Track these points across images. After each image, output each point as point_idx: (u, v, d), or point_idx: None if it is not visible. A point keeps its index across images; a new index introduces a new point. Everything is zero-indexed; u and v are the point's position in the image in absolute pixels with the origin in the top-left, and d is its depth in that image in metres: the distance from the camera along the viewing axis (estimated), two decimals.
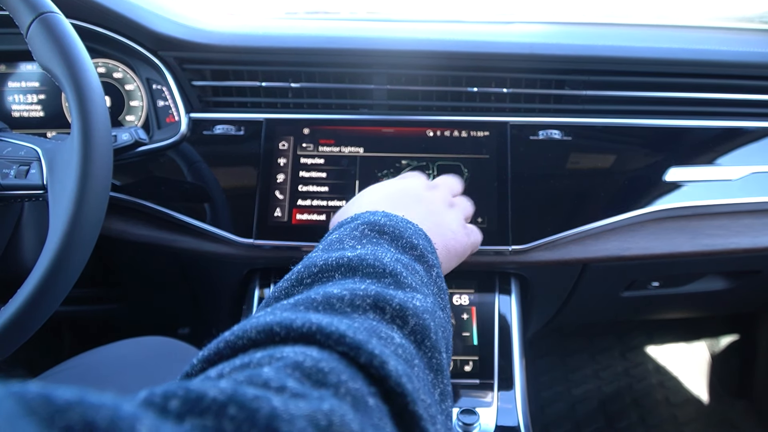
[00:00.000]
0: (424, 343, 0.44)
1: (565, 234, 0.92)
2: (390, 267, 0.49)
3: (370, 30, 1.01)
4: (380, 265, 0.49)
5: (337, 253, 0.50)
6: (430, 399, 0.41)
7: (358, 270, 0.48)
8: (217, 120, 0.97)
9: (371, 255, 0.50)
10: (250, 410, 0.29)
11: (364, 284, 0.46)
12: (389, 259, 0.50)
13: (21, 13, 0.68)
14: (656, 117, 0.99)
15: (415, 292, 0.48)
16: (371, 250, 0.51)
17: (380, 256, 0.50)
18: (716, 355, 1.70)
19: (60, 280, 0.65)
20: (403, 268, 0.50)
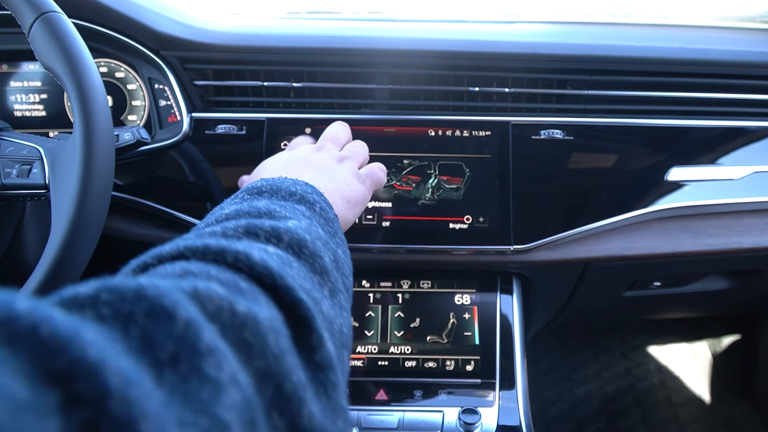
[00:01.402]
0: (302, 252, 0.48)
1: (567, 233, 0.92)
2: (264, 208, 0.53)
3: (371, 30, 1.01)
4: (255, 210, 0.52)
5: (216, 214, 0.54)
6: (311, 286, 0.44)
7: (234, 218, 0.51)
8: (219, 119, 0.97)
9: (247, 205, 0.53)
10: (120, 291, 0.32)
11: (237, 222, 0.49)
12: (264, 204, 0.54)
13: (23, 13, 0.68)
14: (658, 117, 0.99)
15: (289, 219, 0.51)
16: (248, 203, 0.54)
17: (255, 204, 0.54)
18: (718, 355, 1.70)
19: (62, 280, 0.65)
20: (279, 207, 0.53)
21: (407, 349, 0.92)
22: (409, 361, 0.92)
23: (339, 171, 0.72)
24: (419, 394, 0.89)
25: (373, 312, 0.95)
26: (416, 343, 0.93)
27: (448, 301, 0.95)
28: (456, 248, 0.92)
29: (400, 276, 0.97)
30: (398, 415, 0.86)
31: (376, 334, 0.93)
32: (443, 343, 0.93)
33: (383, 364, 0.92)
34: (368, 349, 0.92)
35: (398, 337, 0.93)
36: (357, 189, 0.72)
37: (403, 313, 0.95)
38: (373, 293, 0.96)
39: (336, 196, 0.67)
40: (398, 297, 0.96)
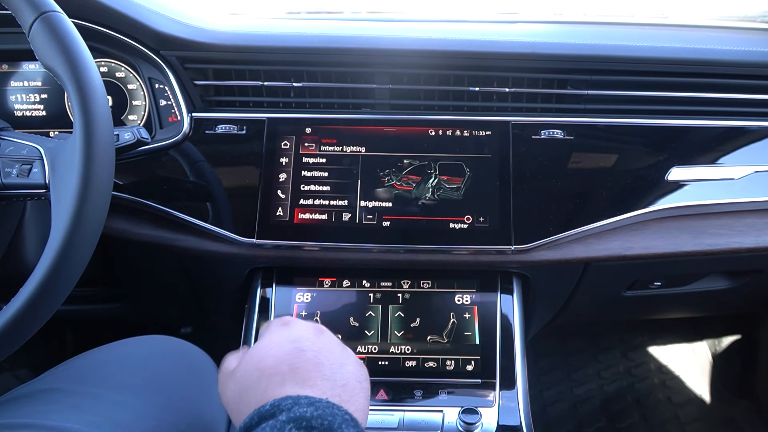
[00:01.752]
0: None
1: (567, 233, 0.92)
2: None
3: (372, 29, 1.01)
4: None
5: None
6: None
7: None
8: (219, 119, 0.97)
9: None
10: None
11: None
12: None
13: (23, 12, 0.68)
14: (658, 116, 0.99)
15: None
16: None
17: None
18: (718, 355, 1.70)
19: (62, 279, 0.65)
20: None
21: (407, 349, 0.92)
22: (409, 361, 0.92)
23: (349, 365, 0.63)
24: (419, 394, 0.89)
25: (374, 312, 0.95)
26: (416, 343, 0.93)
27: (449, 301, 0.95)
28: (456, 248, 0.92)
29: (401, 276, 0.97)
30: (398, 414, 0.86)
31: (376, 334, 0.93)
32: (443, 342, 0.93)
33: (383, 363, 0.92)
34: (368, 349, 0.92)
35: (398, 337, 0.93)
36: (366, 387, 0.63)
37: (404, 312, 0.95)
38: (374, 293, 0.96)
39: (353, 406, 0.58)
40: (398, 297, 0.96)
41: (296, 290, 0.96)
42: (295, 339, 0.63)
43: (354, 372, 0.62)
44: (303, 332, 0.65)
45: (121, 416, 0.73)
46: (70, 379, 0.79)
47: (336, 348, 0.64)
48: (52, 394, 0.75)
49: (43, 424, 0.69)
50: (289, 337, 0.64)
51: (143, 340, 0.88)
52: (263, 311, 0.95)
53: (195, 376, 0.85)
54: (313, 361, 0.60)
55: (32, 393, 0.76)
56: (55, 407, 0.73)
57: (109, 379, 0.79)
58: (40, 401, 0.74)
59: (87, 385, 0.77)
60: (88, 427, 0.69)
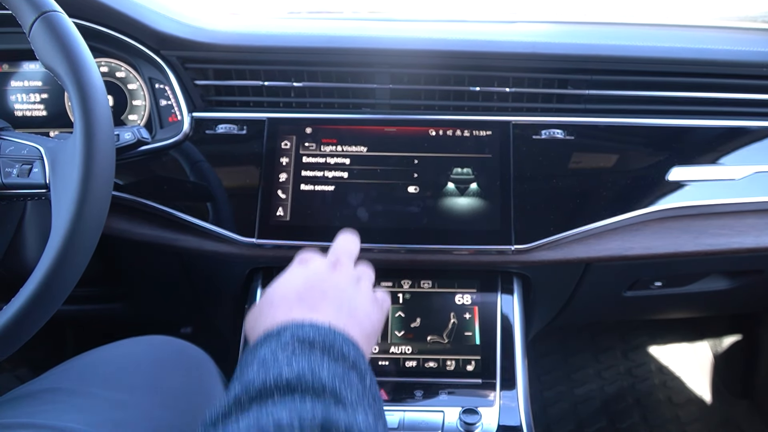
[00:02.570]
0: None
1: (568, 233, 0.92)
2: (329, 384, 0.50)
3: (372, 29, 1.01)
4: (318, 384, 0.50)
5: (274, 370, 0.51)
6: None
7: (297, 389, 0.49)
8: (219, 119, 0.97)
9: (308, 371, 0.51)
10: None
11: (307, 405, 0.47)
12: (326, 374, 0.51)
13: (23, 12, 0.68)
14: (659, 116, 0.99)
15: (357, 411, 0.50)
16: (306, 365, 0.52)
17: (316, 370, 0.51)
18: (719, 355, 1.70)
19: (62, 279, 0.65)
20: (340, 382, 0.51)
21: (408, 349, 0.92)
22: (409, 361, 0.92)
23: (358, 299, 0.67)
24: (420, 394, 0.89)
25: None
26: (417, 343, 0.93)
27: (449, 301, 0.95)
28: (456, 248, 0.92)
29: (401, 276, 0.97)
30: (399, 415, 0.86)
31: None
32: (444, 343, 0.93)
33: (384, 364, 0.92)
34: None
35: (399, 337, 0.93)
36: (375, 319, 0.68)
37: (404, 313, 0.95)
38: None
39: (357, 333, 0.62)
40: (399, 297, 0.96)
41: None
42: (309, 275, 0.68)
43: (363, 303, 0.67)
44: (317, 268, 0.69)
45: (121, 416, 0.73)
46: (70, 379, 0.79)
47: (348, 283, 0.69)
48: (53, 394, 0.75)
49: (44, 423, 0.69)
50: (303, 273, 0.69)
51: (143, 340, 0.88)
52: None
53: (195, 376, 0.85)
54: (321, 292, 0.65)
55: (33, 393, 0.76)
56: (55, 407, 0.73)
57: (110, 379, 0.79)
58: (41, 401, 0.74)
59: (87, 385, 0.77)
60: (89, 427, 0.69)
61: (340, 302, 0.64)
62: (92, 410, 0.73)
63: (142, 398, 0.77)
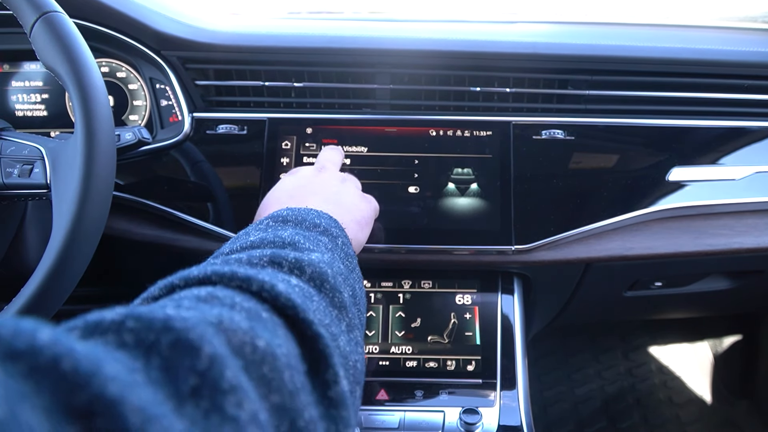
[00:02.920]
0: (323, 286, 0.48)
1: (568, 234, 0.92)
2: (289, 239, 0.54)
3: (372, 30, 1.01)
4: (279, 240, 0.53)
5: (241, 240, 0.55)
6: (330, 321, 0.45)
7: (259, 246, 0.52)
8: (220, 119, 0.97)
9: (272, 234, 0.54)
10: (147, 319, 0.32)
11: (262, 251, 0.50)
12: (288, 233, 0.55)
13: (24, 13, 0.68)
14: (659, 117, 0.99)
15: (312, 252, 0.52)
16: (272, 232, 0.55)
17: (280, 233, 0.55)
18: (719, 356, 1.70)
19: (63, 279, 0.65)
20: (303, 239, 0.54)
21: (408, 349, 0.92)
22: (410, 361, 0.92)
23: (344, 193, 0.73)
24: (420, 394, 0.89)
25: (374, 312, 0.95)
26: (417, 343, 0.93)
27: (449, 301, 0.95)
28: (457, 248, 0.92)
29: (401, 276, 0.97)
30: (399, 415, 0.86)
31: (377, 334, 0.93)
32: (444, 343, 0.93)
33: (384, 363, 0.92)
34: (369, 349, 0.92)
35: (399, 337, 0.93)
36: (364, 209, 0.73)
37: (404, 313, 0.95)
38: (374, 293, 0.96)
39: (347, 219, 0.68)
40: (399, 297, 0.96)
41: None
42: (298, 178, 0.75)
43: (350, 196, 0.73)
44: (305, 173, 0.76)
45: None
46: None
47: (335, 182, 0.75)
48: None
49: None
50: (293, 178, 0.76)
51: None
52: None
53: None
54: (309, 190, 0.71)
55: None
56: None
57: None
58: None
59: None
60: None
61: (326, 195, 0.70)
62: None
63: None
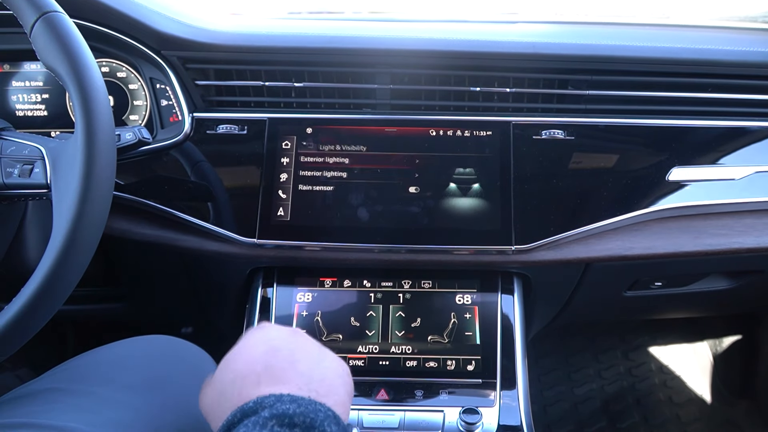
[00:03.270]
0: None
1: (568, 234, 0.92)
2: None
3: (373, 30, 1.01)
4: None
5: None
6: None
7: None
8: (220, 119, 0.97)
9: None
10: None
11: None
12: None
13: (25, 13, 0.68)
14: (659, 117, 0.99)
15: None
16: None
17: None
18: (719, 355, 1.70)
19: (63, 279, 0.65)
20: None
21: (408, 349, 0.93)
22: (410, 361, 0.92)
23: (326, 364, 0.62)
24: (420, 394, 0.89)
25: (374, 312, 0.95)
26: (417, 343, 0.93)
27: (449, 301, 0.95)
28: (457, 248, 0.92)
29: (401, 276, 0.97)
30: (399, 414, 0.86)
31: (377, 334, 0.93)
32: (444, 342, 0.93)
33: (384, 363, 0.92)
34: (369, 349, 0.92)
35: (399, 337, 0.93)
36: (347, 382, 0.62)
37: (404, 312, 0.95)
38: (374, 293, 0.96)
39: (332, 402, 0.57)
40: (399, 297, 0.96)
41: (297, 290, 0.96)
42: (269, 339, 0.62)
43: (332, 367, 0.62)
44: (277, 333, 0.64)
45: (121, 416, 0.73)
46: (70, 379, 0.79)
47: (312, 346, 0.63)
48: (53, 393, 0.75)
49: (44, 423, 0.69)
50: (263, 338, 0.63)
51: (144, 340, 0.88)
52: (264, 311, 0.95)
53: (195, 376, 0.85)
54: (288, 359, 0.60)
55: (33, 392, 0.76)
56: (56, 407, 0.73)
57: (110, 379, 0.79)
58: (41, 401, 0.74)
59: (88, 385, 0.77)
60: (89, 427, 0.70)
61: (309, 369, 0.59)
62: (93, 410, 0.73)
63: (143, 398, 0.77)
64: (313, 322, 0.94)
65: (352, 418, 0.85)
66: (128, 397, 0.76)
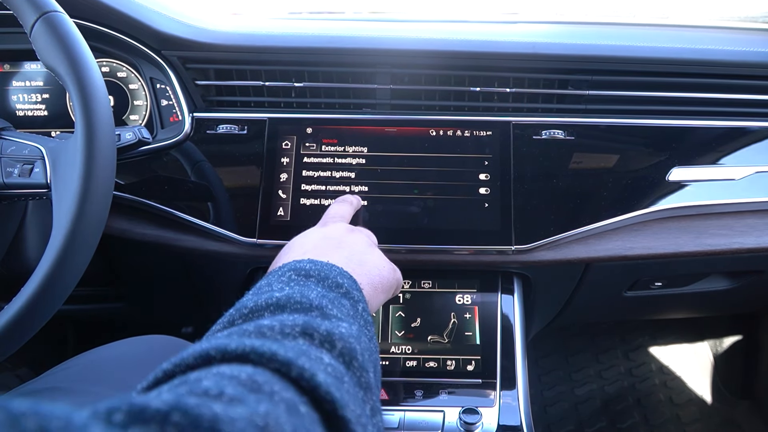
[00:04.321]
0: (352, 363, 0.48)
1: (568, 234, 0.92)
2: (316, 302, 0.53)
3: (373, 30, 1.01)
4: (306, 301, 0.52)
5: (266, 294, 0.54)
6: (360, 411, 0.44)
7: (287, 307, 0.52)
8: (220, 119, 0.98)
9: (298, 293, 0.53)
10: (194, 416, 0.31)
11: (292, 316, 0.49)
12: (315, 295, 0.54)
13: (25, 12, 0.68)
14: (660, 117, 0.99)
15: (341, 321, 0.52)
16: (298, 289, 0.54)
17: (306, 293, 0.54)
18: (719, 356, 1.70)
19: (63, 279, 0.65)
20: (328, 302, 0.54)
21: (408, 349, 0.92)
22: (409, 361, 0.92)
23: (372, 255, 0.71)
24: (420, 394, 0.89)
25: (374, 312, 0.95)
26: (417, 343, 0.93)
27: (449, 301, 0.95)
28: (457, 248, 0.92)
29: (402, 275, 0.97)
30: (399, 414, 0.86)
31: (377, 334, 0.93)
32: (444, 342, 0.93)
33: (384, 363, 0.92)
34: None
35: (399, 337, 0.93)
36: (387, 275, 0.71)
37: (404, 312, 0.95)
38: None
39: (365, 281, 0.66)
40: (399, 296, 0.96)
41: None
42: (327, 232, 0.73)
43: (375, 259, 0.70)
44: (336, 228, 0.74)
45: None
46: (71, 378, 0.79)
47: (364, 243, 0.72)
48: (53, 393, 0.75)
49: None
50: (323, 230, 0.74)
51: (144, 340, 0.88)
52: None
53: None
54: (335, 245, 0.69)
55: (33, 392, 0.76)
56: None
57: (110, 378, 0.79)
58: (42, 400, 0.74)
59: (88, 384, 0.77)
60: None
61: (350, 253, 0.68)
62: None
63: None
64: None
65: None
66: None
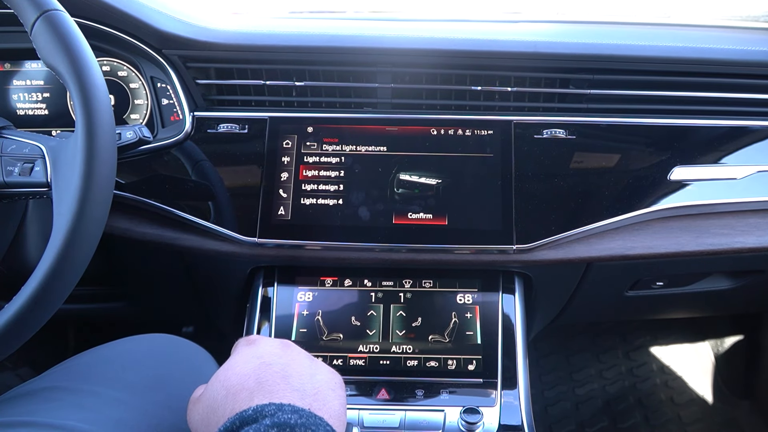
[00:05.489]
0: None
1: (569, 233, 0.92)
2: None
3: (374, 29, 1.01)
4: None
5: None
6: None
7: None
8: (221, 118, 0.97)
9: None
10: None
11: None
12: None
13: (25, 11, 0.68)
14: (661, 116, 0.98)
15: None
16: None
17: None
18: (720, 356, 1.69)
19: (63, 278, 0.65)
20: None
21: (409, 349, 0.92)
22: (410, 361, 0.92)
23: (318, 377, 0.61)
24: (421, 394, 0.89)
25: (375, 311, 0.95)
26: (418, 343, 0.93)
27: (450, 301, 0.95)
28: (458, 247, 0.92)
29: (402, 275, 0.97)
30: (400, 414, 0.86)
31: (377, 334, 0.93)
32: (445, 342, 0.93)
33: (385, 363, 0.92)
34: (370, 348, 0.92)
35: (400, 337, 0.93)
36: (340, 395, 0.62)
37: (405, 312, 0.95)
38: (375, 292, 0.96)
39: (326, 415, 0.57)
40: (400, 296, 0.96)
41: (298, 289, 0.96)
42: (261, 355, 0.62)
43: (325, 380, 0.61)
44: (269, 348, 0.63)
45: (122, 414, 0.73)
46: (71, 378, 0.79)
47: (304, 360, 0.63)
48: (54, 392, 0.76)
49: (45, 422, 0.69)
50: (255, 353, 0.62)
51: (144, 339, 0.88)
52: (265, 310, 0.95)
53: (196, 375, 0.85)
54: (280, 374, 0.59)
55: (34, 391, 0.76)
56: (56, 405, 0.73)
57: (111, 378, 0.79)
58: (42, 399, 0.74)
59: (88, 383, 0.77)
60: (89, 425, 0.70)
61: (302, 383, 0.59)
62: (93, 408, 0.73)
63: (143, 396, 0.77)
64: (313, 321, 0.94)
65: (353, 418, 0.85)
66: (129, 395, 0.76)
